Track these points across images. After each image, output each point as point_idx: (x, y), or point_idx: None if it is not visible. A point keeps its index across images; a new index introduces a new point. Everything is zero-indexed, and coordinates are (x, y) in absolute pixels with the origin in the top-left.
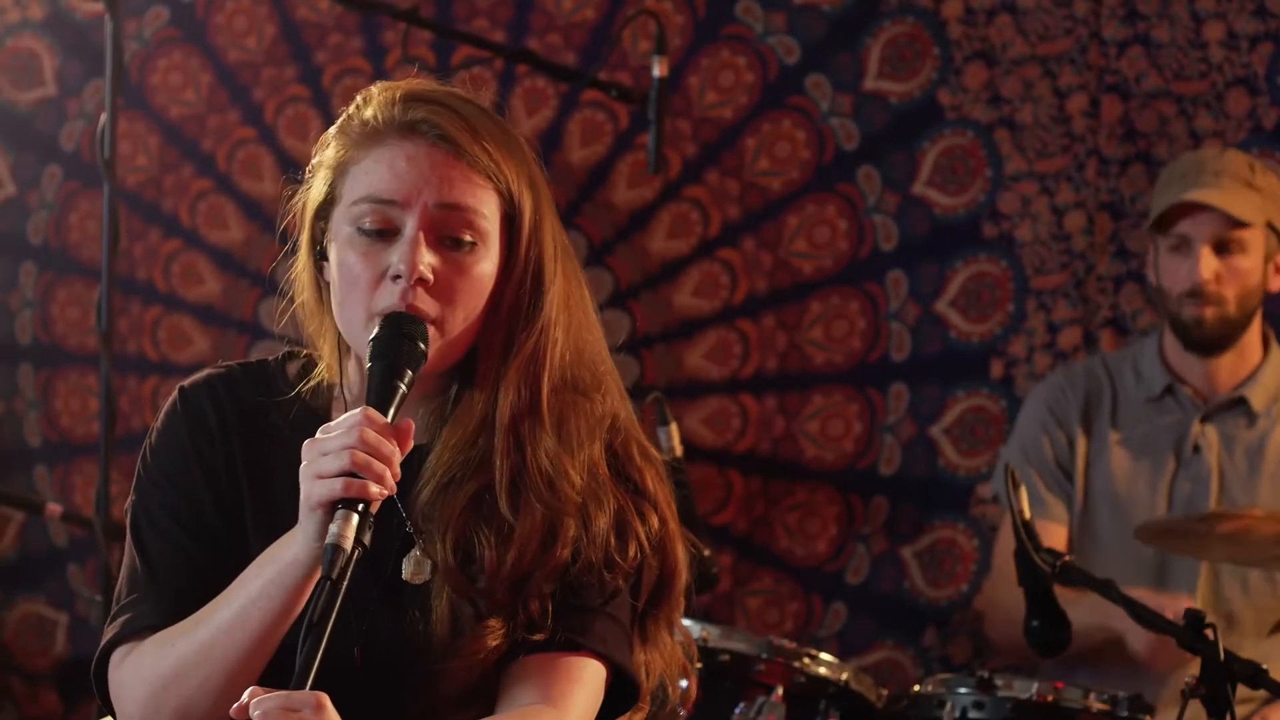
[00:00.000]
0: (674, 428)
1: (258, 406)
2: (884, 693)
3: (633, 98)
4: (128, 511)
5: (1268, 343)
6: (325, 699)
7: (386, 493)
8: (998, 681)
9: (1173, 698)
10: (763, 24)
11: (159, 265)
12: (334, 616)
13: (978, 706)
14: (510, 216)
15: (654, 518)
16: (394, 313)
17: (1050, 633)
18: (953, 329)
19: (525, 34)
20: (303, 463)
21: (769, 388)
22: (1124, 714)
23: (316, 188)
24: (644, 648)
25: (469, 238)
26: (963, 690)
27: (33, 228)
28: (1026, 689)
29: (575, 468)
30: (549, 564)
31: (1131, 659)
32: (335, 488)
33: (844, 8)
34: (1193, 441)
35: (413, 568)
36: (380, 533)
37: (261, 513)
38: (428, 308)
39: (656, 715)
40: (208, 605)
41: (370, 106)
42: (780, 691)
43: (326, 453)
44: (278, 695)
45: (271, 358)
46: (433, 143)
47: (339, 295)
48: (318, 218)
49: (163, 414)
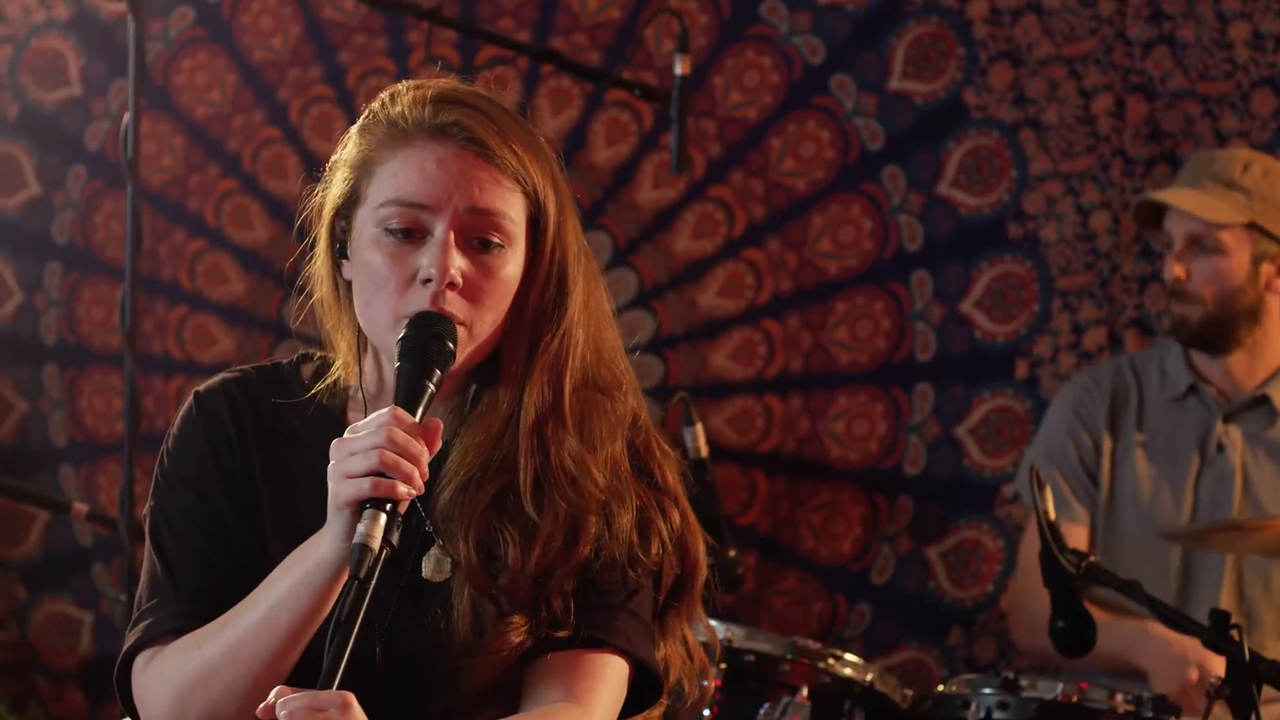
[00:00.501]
0: (699, 428)
1: (273, 409)
2: (909, 693)
3: (657, 97)
4: (146, 517)
5: None
6: (351, 698)
7: (415, 492)
8: (1022, 682)
9: (1191, 704)
10: (787, 24)
11: (184, 265)
12: (361, 616)
13: (1002, 707)
14: (535, 218)
15: (675, 514)
16: (423, 312)
17: (1075, 633)
18: (978, 329)
19: (550, 33)
20: (330, 462)
21: (794, 388)
22: (1149, 714)
23: (337, 186)
24: (664, 642)
25: (497, 240)
26: (987, 691)
27: (58, 227)
28: (1051, 689)
29: (598, 466)
30: (571, 561)
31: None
32: (363, 487)
33: (869, 8)
34: (1216, 441)
35: (433, 566)
36: (402, 531)
37: (280, 514)
38: (458, 310)
39: (675, 710)
40: (234, 608)
41: (398, 105)
42: (805, 692)
43: (355, 452)
44: (304, 695)
45: (285, 360)
46: (462, 145)
47: (364, 295)
48: (338, 216)
49: (178, 419)
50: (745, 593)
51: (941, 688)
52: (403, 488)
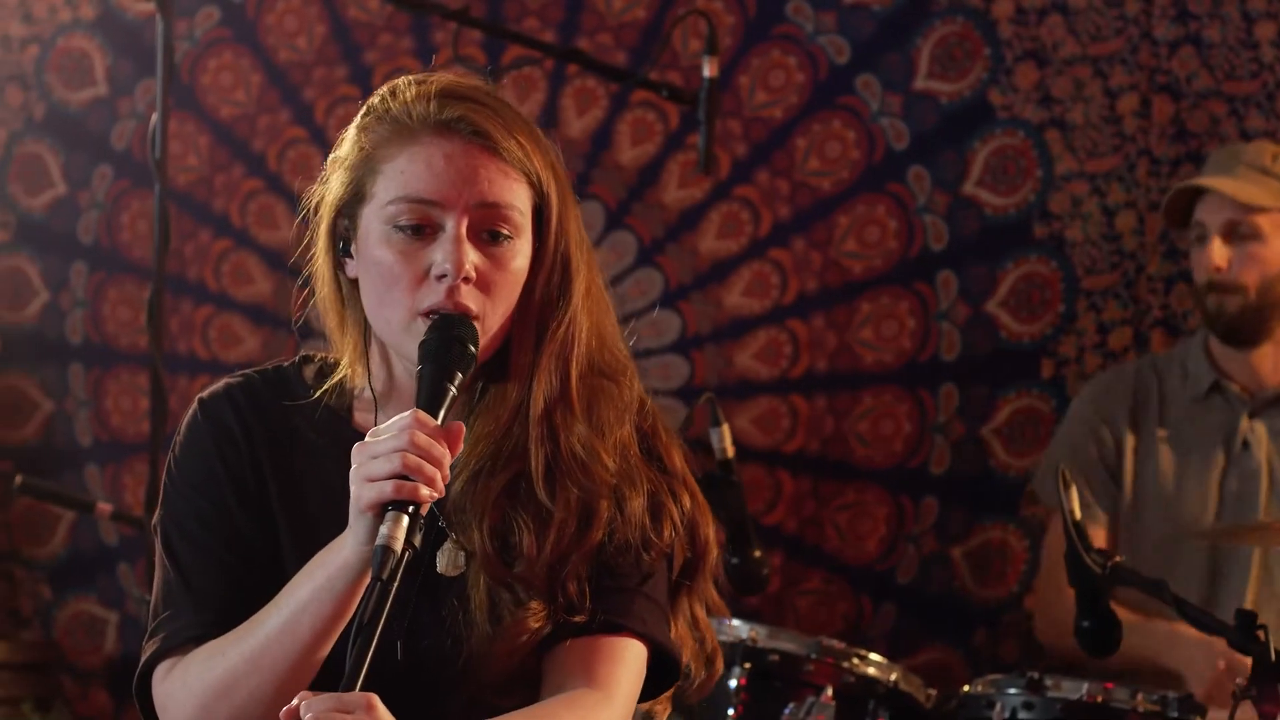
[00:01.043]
0: (726, 428)
1: (279, 411)
2: (933, 693)
3: (683, 98)
4: (156, 527)
5: None
6: (376, 700)
7: (437, 495)
8: (1047, 682)
9: (1223, 698)
10: (813, 24)
11: (209, 265)
12: (385, 618)
13: (1027, 707)
14: (539, 208)
15: (685, 496)
16: (443, 315)
17: (1101, 634)
18: (1003, 329)
19: (576, 34)
20: (353, 466)
21: (819, 388)
22: (1174, 714)
23: (337, 184)
24: (675, 623)
25: (506, 232)
26: (1012, 691)
27: (84, 227)
28: (1076, 689)
29: (607, 451)
30: (585, 546)
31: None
32: (386, 490)
33: (894, 7)
34: (1241, 438)
35: (447, 561)
36: None
37: (292, 516)
38: (473, 304)
39: (683, 690)
40: (257, 614)
41: (399, 101)
42: (830, 692)
43: (377, 456)
44: (328, 697)
45: (287, 362)
46: (469, 140)
47: (375, 293)
48: (340, 215)
49: (184, 426)
50: (770, 593)
51: (966, 688)
52: (425, 490)
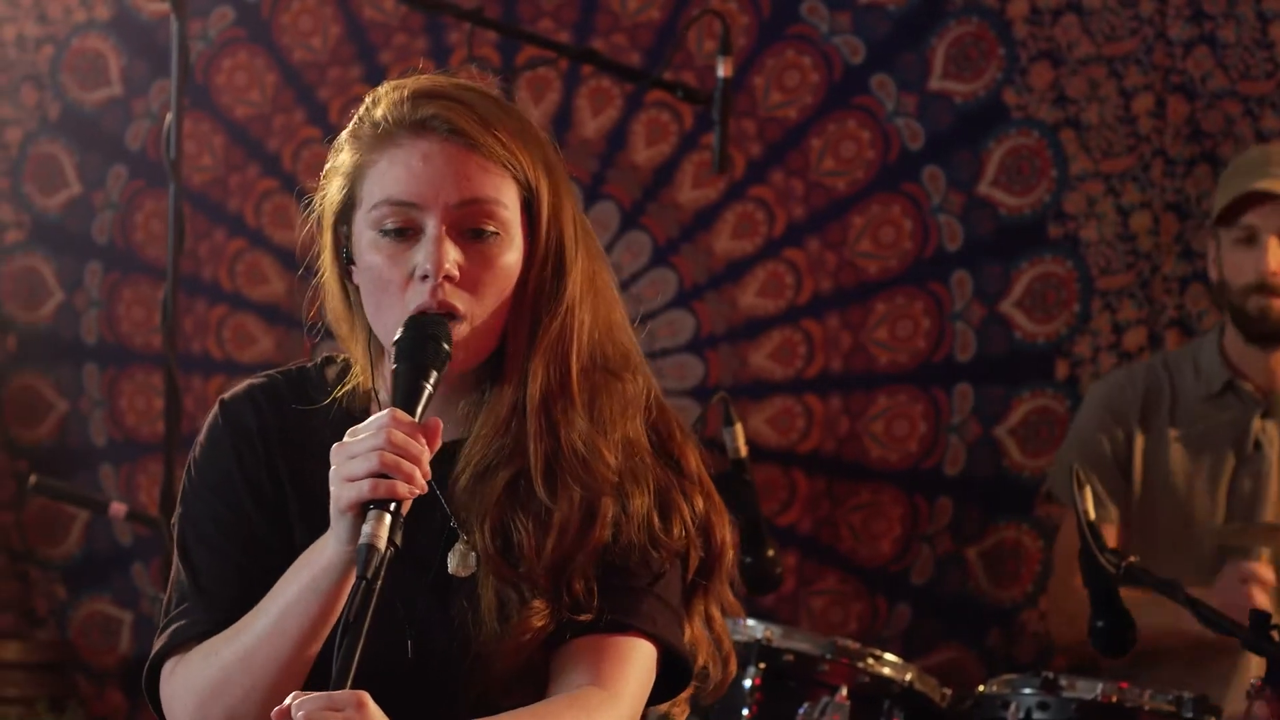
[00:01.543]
0: (739, 428)
1: (298, 414)
2: (948, 693)
3: (698, 98)
4: (174, 525)
5: None
6: (366, 697)
7: (417, 492)
8: (1062, 682)
9: (1238, 698)
10: (828, 24)
11: (224, 265)
12: (370, 616)
13: (1042, 707)
14: (529, 201)
15: (698, 496)
16: (417, 314)
17: (1115, 633)
18: (1018, 329)
19: (590, 34)
20: (332, 467)
21: (834, 388)
22: (1189, 714)
23: (333, 193)
24: (690, 625)
25: (491, 228)
26: (1027, 691)
27: (98, 227)
28: (1091, 689)
29: (609, 447)
30: (589, 545)
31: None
32: (363, 490)
33: (909, 7)
34: (1253, 438)
35: (458, 561)
36: (425, 529)
37: (307, 519)
38: (458, 303)
39: (700, 692)
40: (248, 614)
41: (380, 107)
42: (844, 692)
43: (354, 455)
44: (319, 696)
45: (310, 363)
46: (445, 138)
47: (372, 298)
48: (339, 222)
49: (205, 427)
50: (785, 593)
51: (981, 688)
52: (403, 487)
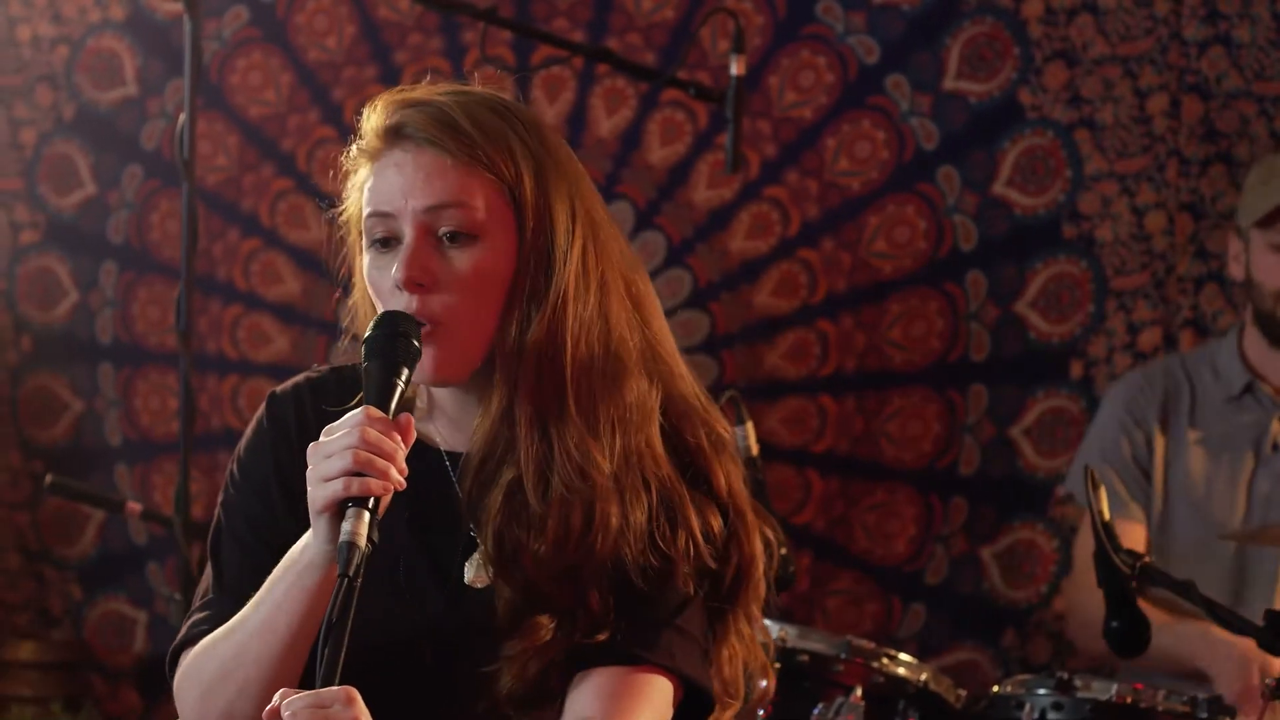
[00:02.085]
0: (750, 426)
1: (339, 414)
2: (963, 693)
3: (713, 97)
4: (216, 513)
5: None
6: (355, 693)
7: (393, 487)
8: (1077, 682)
9: (1253, 704)
10: (843, 23)
11: (239, 264)
12: (353, 614)
13: (1056, 708)
14: (516, 200)
15: (713, 513)
16: (386, 312)
17: (1130, 634)
18: (1032, 329)
19: (605, 33)
20: (309, 467)
21: (848, 388)
22: (1204, 715)
23: (351, 208)
24: (724, 641)
25: (464, 231)
26: (1042, 691)
27: (113, 227)
28: (1106, 690)
29: (603, 454)
30: (593, 554)
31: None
32: (338, 488)
33: (924, 7)
34: (1272, 440)
35: (474, 571)
36: (445, 538)
37: None
38: (435, 309)
39: (742, 713)
40: (243, 609)
41: (369, 119)
42: (859, 692)
43: (330, 454)
44: (307, 694)
45: (360, 361)
46: (420, 145)
47: (377, 307)
48: (358, 236)
49: (253, 420)
50: (799, 593)
51: (996, 688)
52: (378, 484)
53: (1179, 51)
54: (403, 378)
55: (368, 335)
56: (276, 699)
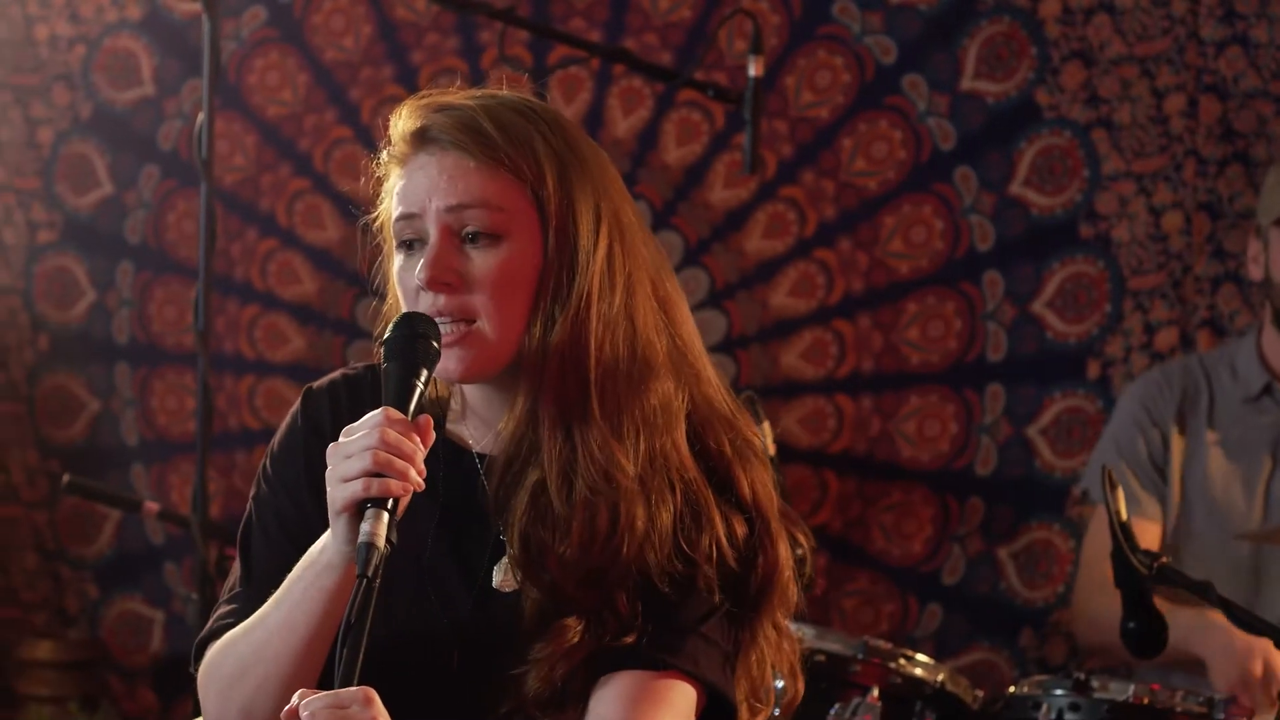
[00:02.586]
0: (767, 426)
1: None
2: (979, 694)
3: (729, 98)
4: (247, 506)
5: None
6: (373, 694)
7: (413, 488)
8: (1094, 683)
9: (1269, 700)
10: (859, 24)
11: (256, 264)
12: (372, 614)
13: (1073, 708)
14: (540, 201)
15: (738, 520)
16: (405, 313)
17: (1147, 634)
18: (1049, 329)
19: (622, 34)
20: (328, 468)
21: (865, 388)
22: (1221, 716)
23: (384, 211)
24: (751, 648)
25: (487, 231)
26: (1059, 692)
27: (130, 227)
28: (1123, 691)
29: (627, 456)
30: (619, 557)
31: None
32: (358, 489)
33: (941, 7)
34: None
35: (502, 575)
36: (474, 541)
37: None
38: (456, 309)
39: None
40: (263, 607)
41: (395, 125)
42: (876, 692)
43: (349, 455)
44: (325, 694)
45: None
46: (444, 148)
47: (405, 309)
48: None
49: (288, 416)
50: (816, 593)
51: (1013, 689)
52: (397, 485)
53: (1196, 51)
54: (422, 379)
55: (387, 336)
56: (295, 699)
